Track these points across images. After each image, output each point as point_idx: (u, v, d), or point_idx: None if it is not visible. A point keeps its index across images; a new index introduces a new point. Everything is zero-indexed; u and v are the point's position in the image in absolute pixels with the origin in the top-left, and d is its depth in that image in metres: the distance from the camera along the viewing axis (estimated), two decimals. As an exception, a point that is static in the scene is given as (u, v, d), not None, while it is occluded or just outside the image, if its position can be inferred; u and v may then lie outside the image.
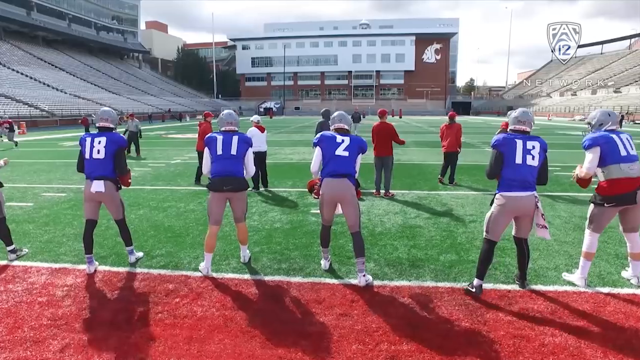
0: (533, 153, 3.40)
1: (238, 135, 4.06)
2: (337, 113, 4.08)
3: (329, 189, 3.78)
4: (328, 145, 3.81)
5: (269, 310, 3.33)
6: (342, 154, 3.76)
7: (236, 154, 3.98)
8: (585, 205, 6.69)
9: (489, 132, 26.23)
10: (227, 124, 4.12)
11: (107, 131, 4.10)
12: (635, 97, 50.42)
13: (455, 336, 2.93)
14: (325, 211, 3.91)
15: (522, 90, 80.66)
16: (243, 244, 4.30)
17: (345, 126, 3.96)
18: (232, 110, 4.26)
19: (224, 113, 4.20)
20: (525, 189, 3.43)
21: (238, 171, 4.01)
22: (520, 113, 3.58)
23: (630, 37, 73.10)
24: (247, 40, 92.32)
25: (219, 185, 3.93)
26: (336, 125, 3.98)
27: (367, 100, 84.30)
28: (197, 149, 8.94)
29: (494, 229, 3.58)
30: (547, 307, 3.36)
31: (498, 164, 3.50)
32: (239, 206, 4.11)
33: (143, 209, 6.64)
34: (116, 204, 4.21)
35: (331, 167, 3.76)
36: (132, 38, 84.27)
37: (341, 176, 3.74)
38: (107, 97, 53.40)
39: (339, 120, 3.99)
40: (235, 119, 4.17)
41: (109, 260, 4.39)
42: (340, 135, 3.88)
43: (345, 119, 4.00)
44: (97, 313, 3.27)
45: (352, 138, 3.85)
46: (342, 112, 4.08)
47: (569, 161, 12.38)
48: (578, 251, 4.59)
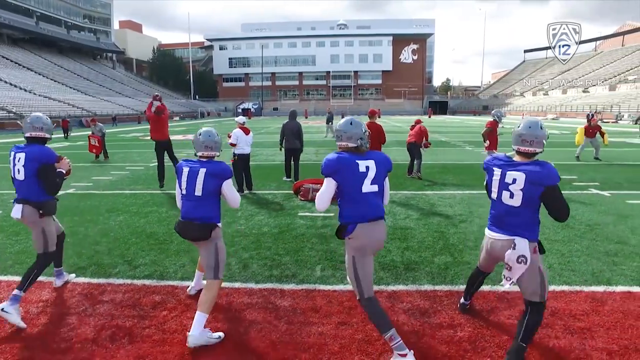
0: (512, 189, 2.51)
1: (206, 168, 2.99)
2: (343, 121, 2.73)
3: (369, 238, 2.62)
4: (348, 178, 2.58)
5: (264, 320, 3.16)
6: (371, 190, 2.62)
7: (201, 194, 2.99)
8: (569, 203, 6.83)
9: (468, 132, 26.65)
10: (205, 148, 3.09)
11: (38, 143, 3.35)
12: (602, 96, 52.37)
13: (459, 342, 2.84)
14: (366, 269, 2.65)
15: (496, 89, 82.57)
16: (199, 309, 2.88)
17: (350, 144, 2.65)
18: (212, 129, 3.19)
19: (202, 133, 3.12)
20: (501, 229, 2.64)
21: (201, 217, 3.01)
22: (525, 129, 2.56)
23: (596, 40, 75.81)
24: (224, 41, 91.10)
25: (180, 231, 3.09)
26: (343, 143, 2.67)
27: (345, 101, 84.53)
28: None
29: (480, 260, 3.02)
30: (547, 308, 3.29)
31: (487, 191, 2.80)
32: (204, 256, 3.07)
33: (123, 215, 6.33)
34: (36, 234, 3.36)
35: (361, 211, 2.61)
36: (105, 37, 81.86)
37: (377, 218, 2.66)
38: (80, 98, 51.66)
39: (346, 136, 2.65)
40: (215, 140, 3.11)
41: (88, 272, 4.12)
42: (361, 158, 2.62)
43: (353, 130, 2.65)
44: (77, 330, 3.02)
45: (377, 160, 2.66)
46: (349, 118, 2.73)
47: (547, 159, 12.55)
48: (570, 249, 4.62)
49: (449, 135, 22.91)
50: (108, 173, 10.61)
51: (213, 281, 3.02)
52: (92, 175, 10.29)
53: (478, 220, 5.85)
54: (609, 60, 66.73)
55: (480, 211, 6.38)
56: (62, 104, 45.67)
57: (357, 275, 2.65)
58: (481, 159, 12.22)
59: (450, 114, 73.02)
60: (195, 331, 2.79)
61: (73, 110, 44.05)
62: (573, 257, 4.40)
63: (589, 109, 42.57)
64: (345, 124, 2.71)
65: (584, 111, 44.21)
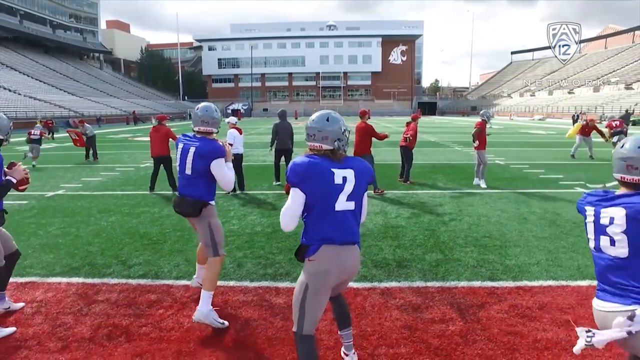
0: (611, 232, 1.75)
1: (196, 147, 3.01)
2: (317, 116, 2.21)
3: (335, 263, 2.12)
4: (319, 190, 2.06)
5: (260, 317, 3.20)
6: (347, 207, 2.11)
7: (191, 173, 3.03)
8: (556, 202, 7.01)
9: (457, 132, 26.95)
10: (202, 123, 3.11)
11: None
12: (587, 97, 53.42)
13: (451, 336, 2.92)
14: (318, 302, 2.13)
15: (484, 90, 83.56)
16: (204, 288, 3.06)
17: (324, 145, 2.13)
18: (211, 104, 3.21)
19: (200, 107, 3.16)
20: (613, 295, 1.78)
21: (191, 194, 3.06)
22: (634, 150, 1.78)
23: (580, 42, 77.29)
24: (214, 41, 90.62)
25: (174, 204, 3.20)
26: (316, 144, 2.15)
27: (335, 102, 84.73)
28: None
29: None
30: (535, 303, 3.42)
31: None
32: (200, 233, 3.15)
33: (115, 215, 6.31)
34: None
35: (329, 232, 2.09)
36: (92, 37, 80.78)
37: (349, 243, 2.15)
38: (66, 98, 50.90)
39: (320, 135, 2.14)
40: (212, 116, 3.13)
41: (82, 272, 4.12)
42: (337, 166, 2.11)
43: (329, 128, 2.14)
44: (73, 330, 3.03)
45: (358, 170, 2.15)
46: (326, 113, 2.21)
47: (534, 158, 12.86)
48: (556, 246, 4.75)
49: (438, 136, 23.15)
50: (98, 174, 10.52)
51: (213, 259, 3.10)
52: (82, 176, 10.19)
53: (467, 219, 5.96)
54: (592, 62, 68.09)
55: (470, 210, 6.50)
56: (49, 104, 44.96)
57: (304, 306, 2.12)
58: (470, 159, 12.42)
59: (439, 115, 73.67)
60: (203, 308, 2.98)
61: (60, 111, 43.38)
62: (559, 253, 4.53)
63: (574, 110, 43.38)
64: (320, 119, 2.17)
65: (570, 112, 45.05)
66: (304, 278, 2.16)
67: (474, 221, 5.85)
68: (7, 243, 3.22)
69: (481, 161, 8.47)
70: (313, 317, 2.14)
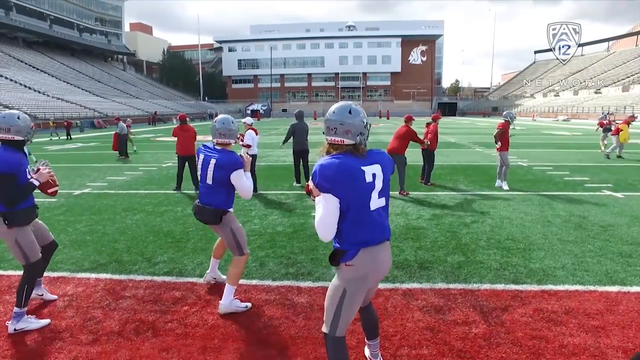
0: None
1: (216, 159, 3.17)
2: (337, 107, 2.07)
3: (373, 265, 2.08)
4: (352, 192, 1.97)
5: (282, 316, 3.24)
6: (379, 205, 2.08)
7: (212, 183, 3.22)
8: (582, 205, 6.84)
9: (478, 133, 26.53)
10: (219, 135, 3.24)
11: (8, 146, 2.95)
12: (615, 97, 51.73)
13: (474, 339, 2.90)
14: (354, 306, 2.11)
15: (506, 91, 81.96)
16: (228, 282, 3.30)
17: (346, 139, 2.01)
18: (229, 117, 3.35)
19: (218, 120, 3.30)
20: None
21: (211, 202, 3.25)
22: None
23: (609, 40, 74.94)
24: (234, 42, 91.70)
25: (194, 211, 3.38)
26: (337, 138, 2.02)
27: (354, 102, 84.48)
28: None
29: None
30: (561, 307, 3.35)
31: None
32: (223, 237, 3.37)
33: (139, 214, 6.47)
34: (10, 246, 3.04)
35: (367, 234, 2.04)
36: (116, 40, 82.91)
37: (384, 241, 2.13)
38: (92, 99, 52.39)
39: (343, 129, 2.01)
40: (229, 129, 3.25)
41: (109, 268, 4.25)
42: (364, 163, 2.01)
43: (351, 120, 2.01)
44: (103, 324, 3.14)
45: (383, 164, 2.08)
46: (347, 105, 2.06)
47: (558, 160, 12.56)
48: (582, 250, 4.64)
49: (458, 137, 22.85)
50: (122, 173, 10.80)
51: (239, 258, 3.34)
52: (107, 175, 10.48)
53: (490, 221, 5.88)
54: (622, 61, 65.84)
55: (492, 212, 6.41)
56: (75, 105, 46.37)
57: (340, 310, 2.08)
58: (492, 160, 12.21)
59: (460, 116, 72.61)
60: (225, 301, 3.25)
61: (85, 112, 44.68)
62: (586, 257, 4.42)
63: (601, 110, 42.08)
64: (341, 111, 2.02)
65: (596, 112, 43.74)
66: (339, 283, 2.10)
67: (497, 223, 5.76)
68: (43, 234, 3.39)
69: (504, 163, 8.33)
70: (347, 319, 2.12)
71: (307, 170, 8.97)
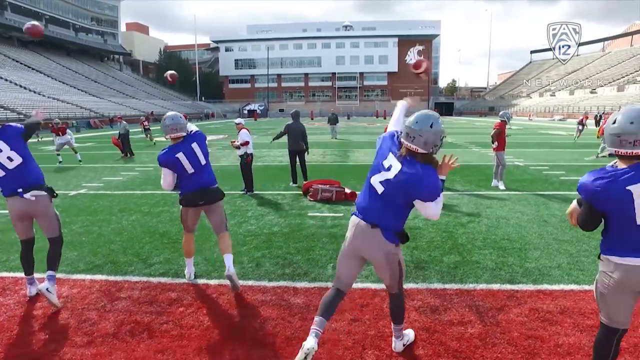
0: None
1: (194, 140, 3.58)
2: (417, 116, 2.32)
3: (351, 234, 2.52)
4: (376, 157, 2.47)
5: (278, 317, 3.24)
6: (376, 187, 2.41)
7: (205, 160, 3.60)
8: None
9: (475, 133, 26.62)
10: (172, 130, 3.54)
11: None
12: (610, 97, 51.99)
13: (470, 339, 2.90)
14: (340, 264, 2.64)
15: (503, 91, 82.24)
16: (230, 252, 3.65)
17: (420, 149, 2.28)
18: (176, 113, 3.66)
19: (167, 117, 3.58)
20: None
21: (210, 181, 3.64)
22: (625, 125, 1.89)
23: (604, 40, 75.31)
24: (230, 42, 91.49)
25: (192, 200, 3.62)
26: (405, 143, 2.33)
27: (351, 102, 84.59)
28: None
29: (611, 311, 2.15)
30: (556, 307, 3.36)
31: (591, 220, 2.09)
32: (217, 215, 3.73)
33: (135, 215, 6.45)
34: (50, 218, 3.51)
35: (360, 201, 2.51)
36: (112, 40, 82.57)
37: (369, 223, 2.43)
38: (88, 99, 52.16)
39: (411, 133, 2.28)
40: (181, 123, 3.58)
41: (105, 269, 4.23)
42: (396, 152, 2.35)
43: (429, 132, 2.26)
44: (98, 325, 3.12)
45: (406, 167, 2.30)
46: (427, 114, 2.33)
47: (554, 160, 12.61)
48: (578, 249, 4.66)
49: (455, 137, 22.90)
50: (118, 174, 10.76)
51: (225, 232, 3.79)
52: (103, 175, 10.44)
53: (486, 221, 5.89)
54: (617, 61, 66.19)
55: (488, 212, 6.42)
56: (71, 105, 46.14)
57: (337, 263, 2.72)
58: (488, 160, 12.23)
59: (457, 115, 72.80)
60: (232, 267, 3.56)
61: (81, 112, 44.47)
62: (581, 257, 4.44)
63: (596, 110, 42.28)
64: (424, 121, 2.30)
65: (592, 112, 43.97)
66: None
67: (493, 223, 5.78)
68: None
69: (500, 162, 8.36)
70: (338, 273, 2.67)
71: (305, 170, 8.97)
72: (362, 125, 39.06)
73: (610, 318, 2.16)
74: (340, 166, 11.57)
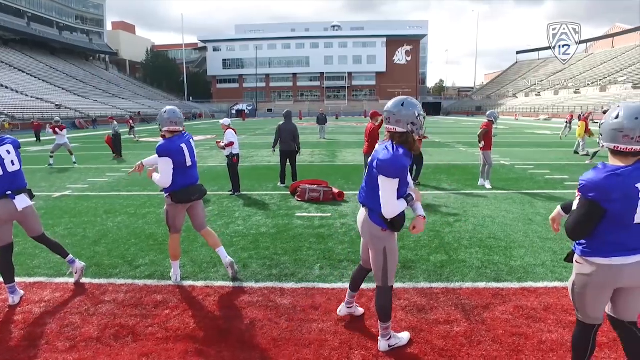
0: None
1: (189, 137, 3.83)
2: (392, 100, 2.59)
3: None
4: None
5: (265, 318, 3.22)
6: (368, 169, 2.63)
7: (196, 159, 3.86)
8: (561, 202, 6.92)
9: (462, 132, 26.88)
10: (171, 123, 3.66)
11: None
12: (593, 97, 53.02)
13: (456, 337, 2.93)
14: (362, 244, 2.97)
15: (489, 90, 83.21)
16: (219, 245, 3.96)
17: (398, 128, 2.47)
18: (175, 107, 3.79)
19: (167, 110, 3.69)
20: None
21: (198, 177, 3.90)
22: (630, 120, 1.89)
23: (587, 41, 76.76)
24: (218, 42, 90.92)
25: (186, 195, 3.68)
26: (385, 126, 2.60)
27: (339, 102, 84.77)
28: None
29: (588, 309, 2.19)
30: (540, 304, 3.41)
31: (591, 222, 2.00)
32: (201, 211, 3.92)
33: (121, 216, 6.36)
34: (36, 217, 3.69)
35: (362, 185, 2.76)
36: (97, 39, 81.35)
37: (361, 203, 2.71)
38: (73, 99, 51.30)
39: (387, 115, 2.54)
40: (179, 117, 3.72)
41: (89, 272, 4.16)
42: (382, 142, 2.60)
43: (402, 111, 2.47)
44: (81, 330, 3.07)
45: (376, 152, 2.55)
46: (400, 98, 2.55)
47: (540, 159, 12.81)
48: (562, 247, 4.73)
49: (442, 136, 23.09)
50: (104, 175, 10.61)
51: (208, 228, 4.00)
52: (88, 177, 10.28)
53: (472, 220, 5.95)
54: (599, 62, 67.55)
55: (474, 211, 6.49)
56: (55, 105, 45.31)
57: None
58: (475, 159, 12.36)
59: (444, 115, 73.45)
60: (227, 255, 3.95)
61: (66, 112, 43.71)
62: (565, 254, 4.49)
63: (580, 110, 43.09)
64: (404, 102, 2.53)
65: (576, 112, 44.77)
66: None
67: (479, 222, 5.84)
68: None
69: (487, 162, 8.45)
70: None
71: (295, 171, 8.91)
72: (351, 125, 39.15)
73: (586, 316, 2.21)
74: (328, 166, 11.58)
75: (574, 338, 2.31)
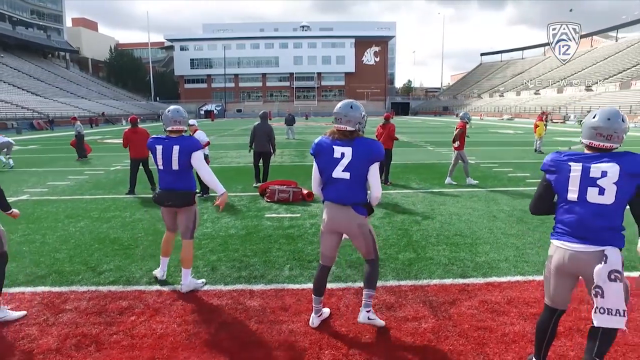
0: (602, 184, 2.06)
1: (179, 145, 3.50)
2: (341, 103, 2.83)
3: (329, 215, 2.93)
4: (324, 161, 2.81)
5: (234, 321, 3.18)
6: (342, 177, 2.76)
7: (178, 168, 3.53)
8: (523, 199, 7.28)
9: (429, 132, 27.50)
10: (174, 122, 3.58)
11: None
12: (551, 98, 55.62)
13: (424, 333, 2.99)
14: (323, 243, 3.06)
15: (456, 91, 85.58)
16: (184, 267, 3.67)
17: (348, 127, 2.75)
18: (179, 107, 3.71)
19: (171, 110, 3.62)
20: (584, 239, 2.14)
21: (181, 186, 3.59)
22: (602, 120, 2.09)
23: (545, 45, 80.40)
24: (186, 41, 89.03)
25: (161, 199, 3.64)
26: (335, 125, 2.81)
27: (309, 102, 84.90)
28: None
29: (551, 292, 2.35)
30: (504, 298, 3.54)
31: (545, 198, 2.30)
32: (182, 220, 3.68)
33: (84, 221, 6.11)
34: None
35: (330, 194, 2.86)
36: (56, 35, 77.77)
37: (343, 205, 2.85)
38: (30, 99, 48.79)
39: (338, 116, 2.77)
40: (183, 116, 3.62)
41: (48, 280, 3.97)
42: (340, 144, 2.76)
43: (351, 112, 2.75)
44: (38, 341, 2.92)
45: (357, 148, 2.74)
46: (348, 101, 2.86)
47: (503, 157, 13.29)
48: (523, 242, 4.93)
49: (411, 136, 23.56)
50: (65, 178, 10.16)
51: (189, 241, 3.71)
52: (48, 180, 9.82)
53: (440, 218, 6.10)
54: (556, 64, 70.88)
55: (442, 209, 6.66)
56: (10, 105, 42.97)
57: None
58: (442, 158, 12.69)
59: (412, 115, 74.93)
60: (185, 281, 3.67)
61: (23, 112, 41.54)
62: (526, 249, 4.70)
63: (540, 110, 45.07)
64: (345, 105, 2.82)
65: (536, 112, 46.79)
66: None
67: (446, 220, 5.99)
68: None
69: (463, 160, 8.76)
70: (324, 252, 3.09)
71: (267, 172, 8.84)
72: (321, 125, 39.26)
73: (549, 298, 2.38)
74: (298, 166, 11.57)
75: (538, 322, 2.47)
